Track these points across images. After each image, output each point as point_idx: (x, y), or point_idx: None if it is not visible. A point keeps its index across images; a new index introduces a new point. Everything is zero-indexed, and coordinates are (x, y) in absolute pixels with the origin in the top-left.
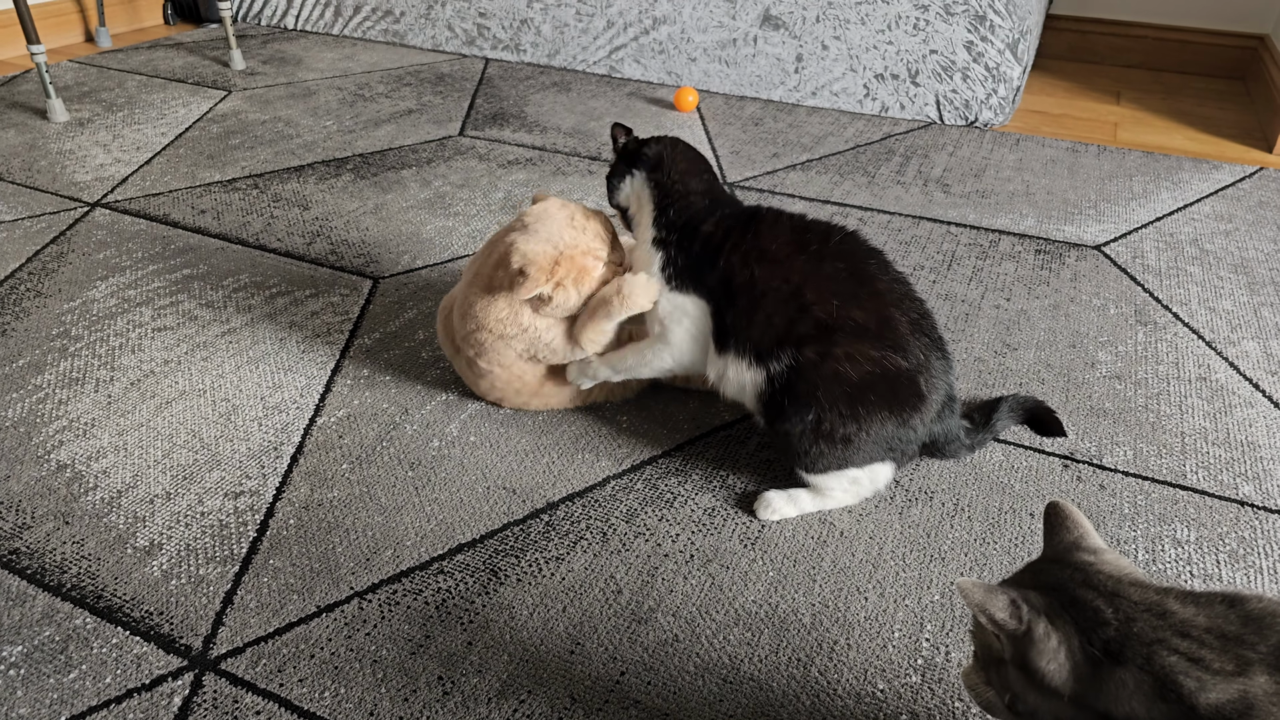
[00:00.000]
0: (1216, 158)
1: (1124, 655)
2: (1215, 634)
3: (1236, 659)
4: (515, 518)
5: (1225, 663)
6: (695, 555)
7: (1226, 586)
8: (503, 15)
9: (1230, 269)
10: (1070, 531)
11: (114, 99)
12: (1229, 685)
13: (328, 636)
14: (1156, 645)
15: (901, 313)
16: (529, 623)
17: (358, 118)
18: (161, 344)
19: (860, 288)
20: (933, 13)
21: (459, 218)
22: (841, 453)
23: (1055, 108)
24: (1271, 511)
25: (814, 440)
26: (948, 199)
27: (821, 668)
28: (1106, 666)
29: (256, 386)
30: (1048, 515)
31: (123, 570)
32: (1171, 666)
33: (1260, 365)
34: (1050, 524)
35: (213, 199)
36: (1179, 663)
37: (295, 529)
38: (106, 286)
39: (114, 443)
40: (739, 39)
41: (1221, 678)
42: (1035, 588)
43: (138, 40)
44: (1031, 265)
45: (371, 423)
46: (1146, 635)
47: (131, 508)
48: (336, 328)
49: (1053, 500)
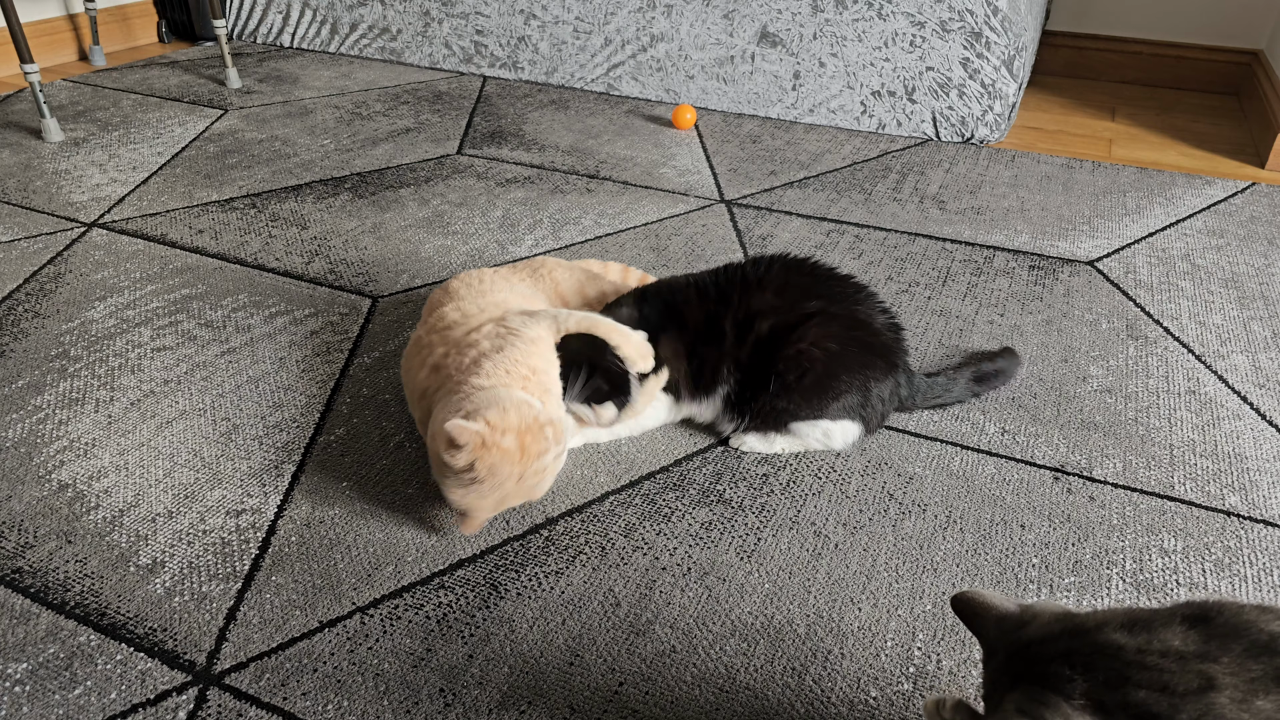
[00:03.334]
0: (1210, 173)
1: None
2: (1173, 656)
3: (1200, 676)
4: (515, 533)
5: (1190, 682)
6: (692, 568)
7: (1193, 597)
8: (500, 33)
9: (1221, 283)
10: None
11: (109, 118)
12: (1198, 702)
13: (330, 651)
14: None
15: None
16: (529, 635)
17: (355, 136)
18: (161, 364)
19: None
20: (929, 30)
21: (458, 236)
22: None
23: (1051, 124)
24: (1256, 521)
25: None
26: (943, 215)
27: (816, 676)
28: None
29: (257, 405)
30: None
31: (126, 588)
32: (1142, 701)
33: (1248, 378)
34: (966, 618)
35: (210, 218)
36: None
37: (297, 546)
38: (105, 307)
39: (115, 462)
40: (736, 56)
41: (1190, 697)
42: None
43: (132, 59)
44: (1025, 281)
45: (372, 440)
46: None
47: (133, 526)
48: (336, 347)
49: (953, 596)
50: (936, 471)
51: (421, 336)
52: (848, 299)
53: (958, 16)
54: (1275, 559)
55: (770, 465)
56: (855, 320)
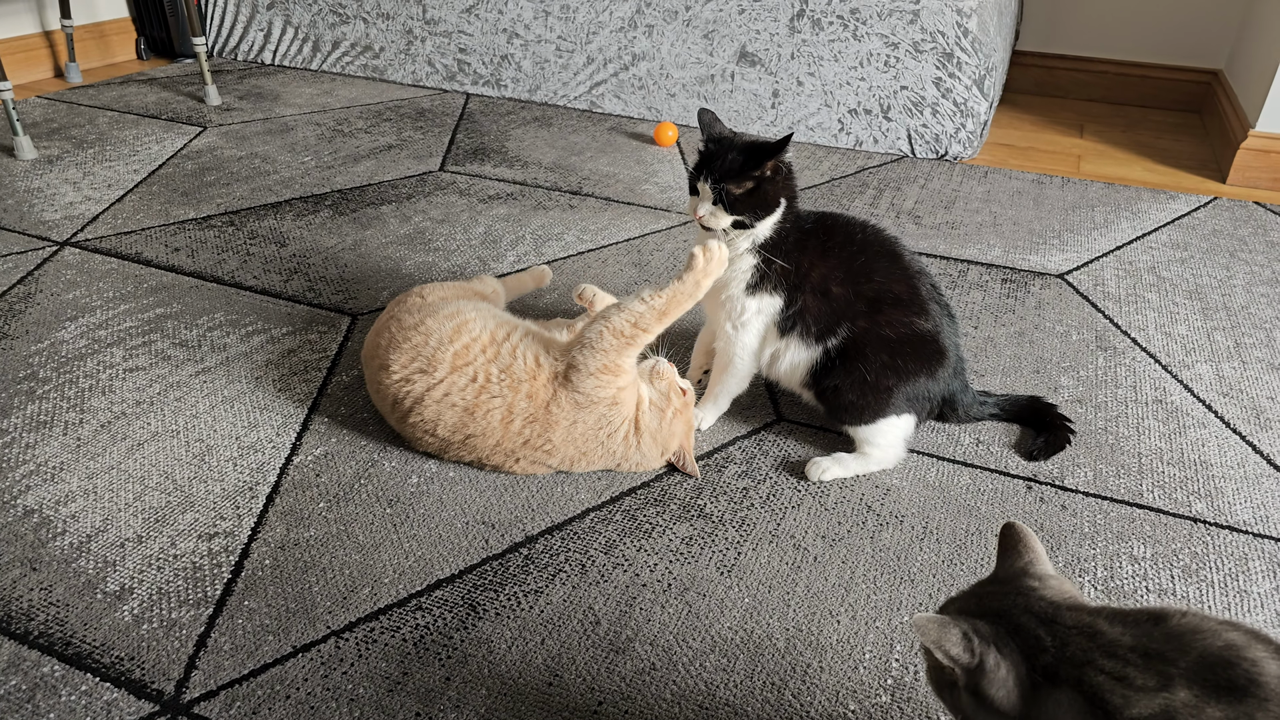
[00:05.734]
0: (1173, 188)
1: (1059, 677)
2: (1139, 652)
3: (1159, 675)
4: (494, 552)
5: (1149, 679)
6: (673, 584)
7: (1165, 604)
8: (483, 51)
9: (1185, 295)
10: (1022, 556)
11: (84, 135)
12: (1152, 700)
13: (304, 677)
14: (1086, 666)
15: (920, 284)
16: (507, 656)
17: (336, 153)
18: (133, 385)
19: (893, 265)
20: (902, 50)
21: (439, 253)
22: (882, 401)
23: (1022, 140)
24: (1222, 527)
25: (861, 392)
26: (919, 230)
27: (795, 691)
28: (1045, 688)
29: (231, 426)
30: (1003, 536)
31: (92, 616)
32: (1099, 685)
33: (1212, 387)
34: (1004, 545)
35: (187, 237)
36: (1106, 681)
37: (271, 569)
38: (76, 327)
39: (83, 486)
40: (716, 75)
41: (1145, 693)
42: (982, 613)
43: (110, 75)
44: (998, 294)
45: (349, 460)
46: (1078, 657)
47: (101, 552)
48: (314, 365)
49: (1009, 521)
50: (913, 483)
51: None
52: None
53: (930, 38)
54: (1241, 564)
55: (751, 479)
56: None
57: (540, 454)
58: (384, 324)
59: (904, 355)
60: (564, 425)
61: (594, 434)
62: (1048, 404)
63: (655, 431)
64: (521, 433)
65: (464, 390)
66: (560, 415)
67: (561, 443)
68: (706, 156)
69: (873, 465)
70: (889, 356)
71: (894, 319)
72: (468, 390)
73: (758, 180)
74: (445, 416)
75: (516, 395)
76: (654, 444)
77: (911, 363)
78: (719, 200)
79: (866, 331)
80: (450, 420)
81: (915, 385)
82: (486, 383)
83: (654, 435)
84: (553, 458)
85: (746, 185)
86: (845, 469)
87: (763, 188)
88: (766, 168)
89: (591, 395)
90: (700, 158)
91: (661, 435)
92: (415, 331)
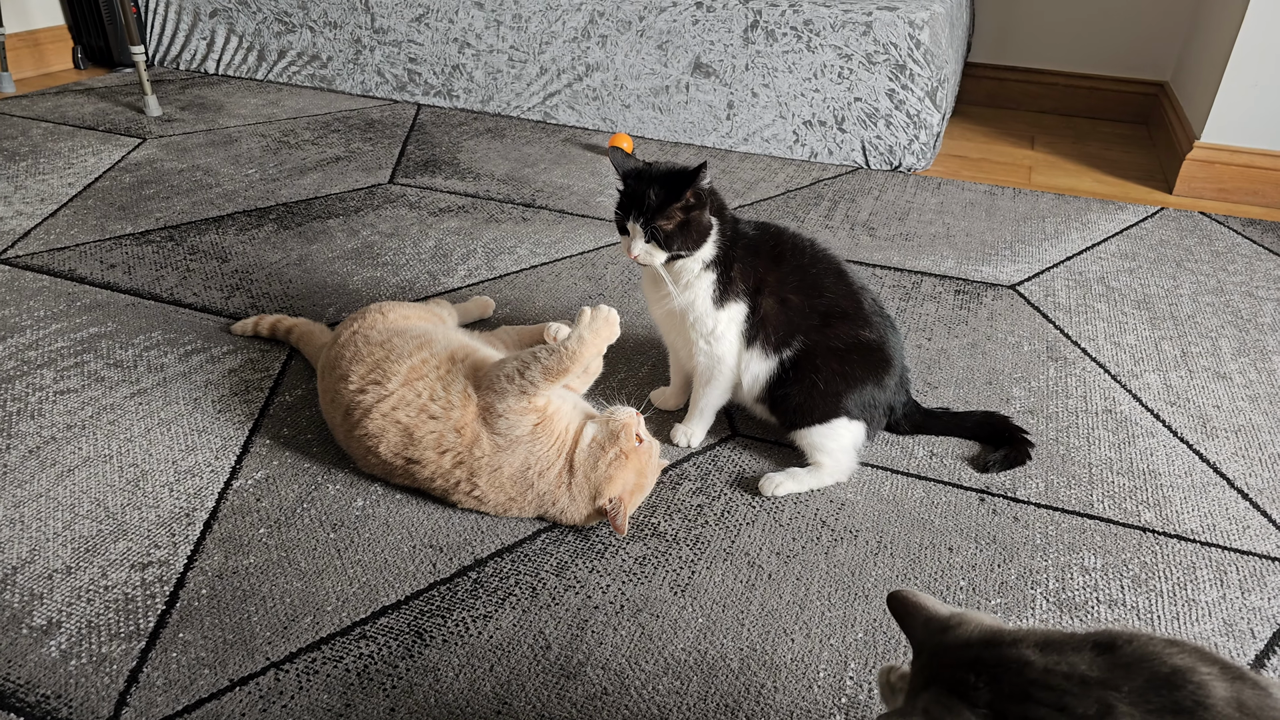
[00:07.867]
0: (1122, 199)
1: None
2: (1076, 680)
3: (1099, 702)
4: (442, 576)
5: (1088, 707)
6: (625, 605)
7: (1115, 615)
8: (434, 61)
9: (1133, 305)
10: (916, 615)
11: (16, 148)
12: None
13: (241, 711)
14: (1025, 700)
15: (863, 299)
16: (454, 684)
17: (282, 165)
18: (64, 407)
19: (839, 281)
20: (855, 62)
21: (388, 268)
22: (832, 404)
23: (975, 152)
24: (1170, 536)
25: (811, 395)
26: (873, 242)
27: (749, 713)
28: None
29: (168, 450)
30: (893, 609)
31: (17, 652)
32: (1042, 717)
33: (1160, 396)
34: (898, 615)
35: (124, 252)
36: (1048, 714)
37: (208, 599)
38: (4, 348)
39: (8, 515)
40: (671, 86)
41: None
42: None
43: (44, 85)
44: (951, 305)
45: (292, 484)
46: (1015, 693)
47: (28, 584)
48: (256, 385)
49: (890, 593)
50: (867, 496)
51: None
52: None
53: (883, 50)
54: (1189, 573)
55: (705, 495)
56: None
57: (472, 500)
58: (349, 338)
59: (852, 363)
60: (488, 472)
61: (521, 476)
62: (1003, 417)
63: (589, 471)
64: (453, 473)
65: (409, 406)
66: (484, 461)
67: (489, 488)
68: (629, 195)
69: (826, 478)
70: (839, 364)
71: (842, 332)
72: (411, 407)
73: (685, 210)
74: (389, 433)
75: (446, 424)
76: (585, 484)
77: (860, 369)
78: (651, 238)
79: (818, 344)
80: (393, 438)
81: (864, 392)
82: (429, 401)
83: (587, 475)
84: (484, 505)
85: (677, 218)
86: (799, 484)
87: (691, 217)
88: (688, 195)
89: (508, 435)
90: (622, 197)
91: (596, 477)
92: (380, 347)
